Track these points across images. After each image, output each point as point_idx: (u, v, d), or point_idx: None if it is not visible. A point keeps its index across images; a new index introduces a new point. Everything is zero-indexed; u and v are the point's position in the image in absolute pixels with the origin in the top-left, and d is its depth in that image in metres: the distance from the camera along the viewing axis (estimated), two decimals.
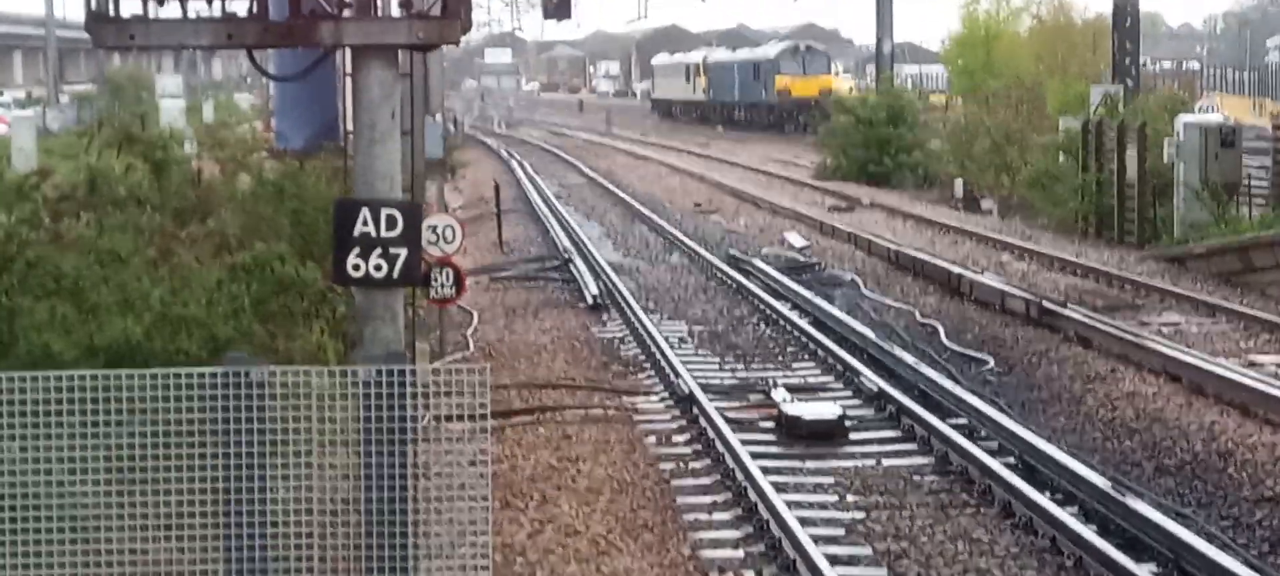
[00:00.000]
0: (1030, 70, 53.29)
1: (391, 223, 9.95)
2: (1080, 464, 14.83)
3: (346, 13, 10.61)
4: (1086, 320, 22.90)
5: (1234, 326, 23.42)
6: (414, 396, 9.40)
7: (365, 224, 9.90)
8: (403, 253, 9.95)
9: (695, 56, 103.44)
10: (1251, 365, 20.20)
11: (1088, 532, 12.90)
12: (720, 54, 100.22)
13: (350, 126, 11.19)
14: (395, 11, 11.13)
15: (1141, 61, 49.64)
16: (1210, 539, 12.96)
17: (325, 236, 14.17)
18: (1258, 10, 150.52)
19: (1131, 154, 33.16)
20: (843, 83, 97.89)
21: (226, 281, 14.19)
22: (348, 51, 11.03)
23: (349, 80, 11.09)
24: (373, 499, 9.29)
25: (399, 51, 10.92)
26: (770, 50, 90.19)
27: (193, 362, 11.29)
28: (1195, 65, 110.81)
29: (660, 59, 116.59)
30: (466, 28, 10.77)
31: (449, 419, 9.57)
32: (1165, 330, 22.91)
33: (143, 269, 14.44)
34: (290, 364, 10.15)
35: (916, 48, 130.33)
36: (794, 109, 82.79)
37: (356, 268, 9.96)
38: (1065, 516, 13.29)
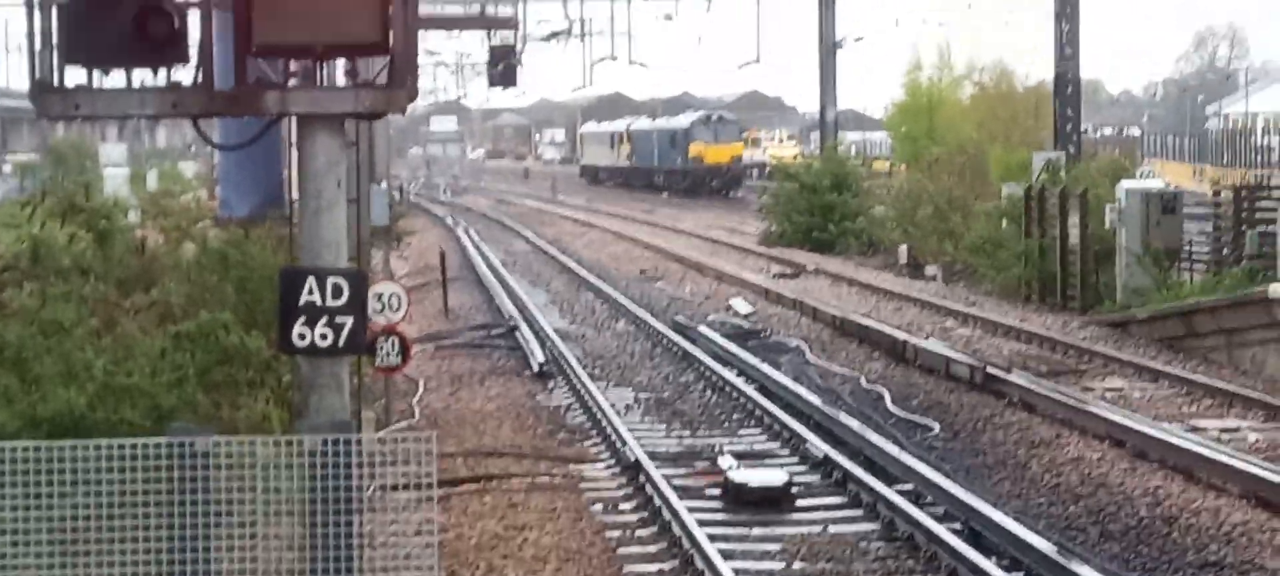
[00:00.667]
0: (972, 137, 53.61)
1: (337, 291, 9.92)
2: (1026, 529, 14.87)
3: (292, 82, 10.61)
4: (1031, 385, 23.00)
5: (1177, 391, 23.57)
6: (359, 465, 9.37)
7: (311, 292, 9.87)
8: (348, 321, 9.92)
9: (620, 126, 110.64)
10: (1194, 430, 20.32)
11: None
12: (642, 123, 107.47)
13: (295, 194, 11.18)
14: (341, 80, 11.13)
15: (1083, 128, 49.96)
16: None
17: (270, 305, 14.14)
18: (1197, 77, 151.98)
19: (1074, 220, 33.39)
20: (787, 149, 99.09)
21: (170, 350, 14.14)
22: (293, 120, 11.02)
23: (294, 149, 11.08)
24: (319, 569, 9.24)
25: (345, 120, 10.91)
26: (685, 120, 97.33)
27: (137, 433, 11.22)
28: (1136, 132, 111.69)
29: (588, 127, 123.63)
30: (412, 96, 10.78)
31: (395, 488, 9.54)
32: (1109, 395, 23.04)
33: (86, 339, 14.37)
34: (235, 433, 10.10)
35: (860, 115, 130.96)
36: (707, 174, 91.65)
37: (302, 336, 9.92)
38: None
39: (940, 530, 14.89)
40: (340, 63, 11.30)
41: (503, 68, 68.73)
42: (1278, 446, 19.37)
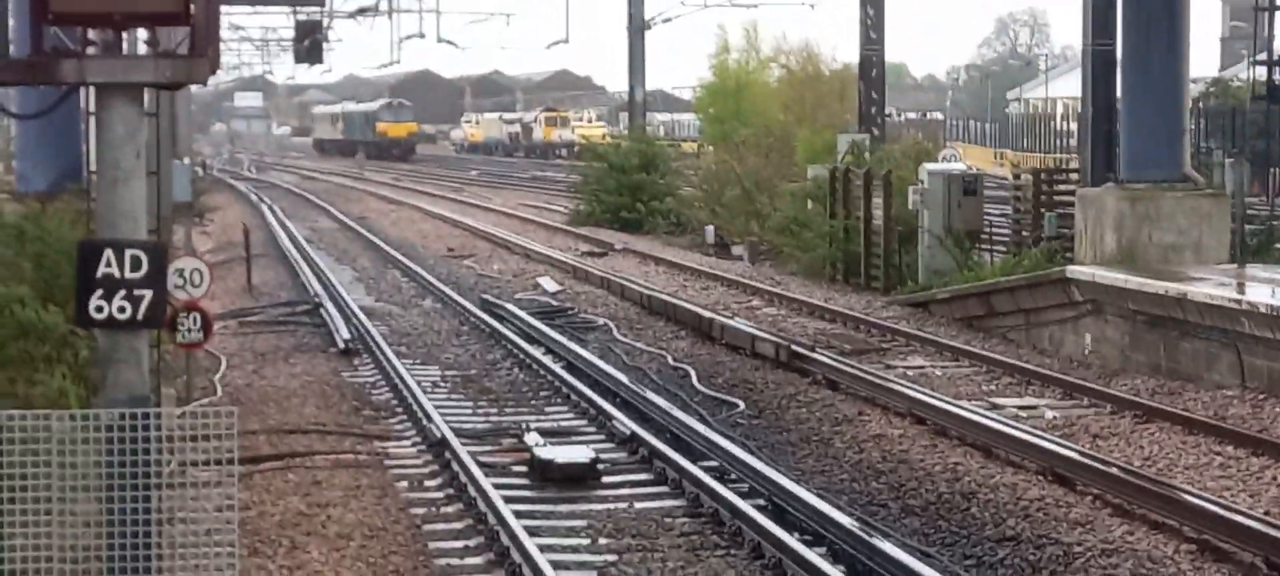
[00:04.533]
0: (779, 118, 54.04)
1: (136, 264, 9.73)
2: (829, 505, 15.04)
3: (91, 50, 10.40)
4: (834, 364, 23.26)
5: (976, 369, 23.98)
6: (159, 441, 9.23)
7: (108, 265, 9.67)
8: (147, 294, 9.73)
9: (336, 108, 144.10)
10: (993, 407, 20.70)
11: (836, 573, 13.08)
12: (350, 106, 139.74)
13: (94, 167, 10.96)
14: (141, 49, 10.93)
15: (887, 111, 50.60)
16: None
17: (69, 279, 13.85)
18: (999, 63, 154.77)
19: (877, 201, 33.81)
20: (595, 129, 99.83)
21: None
22: (92, 89, 10.82)
23: (93, 119, 10.86)
24: (116, 547, 9.09)
25: (145, 90, 10.72)
26: (375, 105, 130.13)
27: None
28: (939, 115, 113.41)
29: (319, 109, 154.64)
30: (214, 67, 10.61)
31: (195, 464, 9.41)
32: (910, 373, 23.37)
33: None
34: (31, 409, 9.88)
35: (669, 95, 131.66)
36: (389, 144, 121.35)
37: (99, 310, 9.72)
38: (814, 557, 13.46)
39: (745, 506, 15.01)
40: (142, 33, 11.11)
41: (309, 44, 67.98)
42: (1073, 423, 19.79)
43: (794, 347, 24.29)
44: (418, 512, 15.79)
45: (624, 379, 22.21)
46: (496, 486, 16.02)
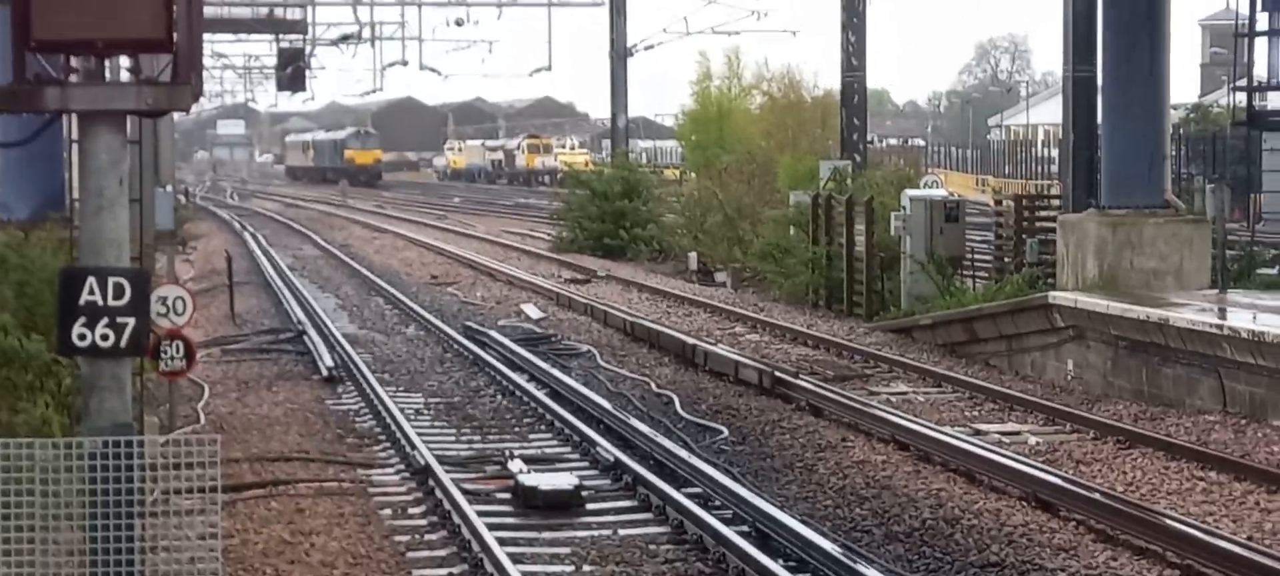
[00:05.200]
0: (761, 145, 54.13)
1: (119, 291, 9.72)
2: (812, 531, 15.03)
3: (73, 77, 10.40)
4: (818, 390, 23.28)
5: (959, 395, 24.00)
6: (142, 470, 9.21)
7: (91, 292, 9.66)
8: (131, 321, 9.72)
9: (307, 137, 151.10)
10: (976, 433, 20.71)
11: None
12: (320, 135, 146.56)
13: (76, 194, 10.96)
14: (124, 77, 10.93)
15: (869, 137, 50.69)
16: None
17: (51, 308, 13.84)
18: (980, 90, 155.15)
19: (860, 227, 33.86)
20: (577, 156, 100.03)
21: None
22: (74, 117, 10.82)
23: (75, 147, 10.87)
24: (99, 575, 9.04)
25: (128, 117, 10.72)
26: (342, 134, 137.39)
27: None
28: (920, 142, 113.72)
29: (291, 138, 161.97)
30: (197, 95, 10.61)
31: (179, 492, 9.39)
32: (893, 399, 23.39)
33: None
34: (13, 437, 9.86)
35: (652, 122, 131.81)
36: (357, 171, 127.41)
37: (82, 337, 9.70)
38: None
39: (728, 532, 15.00)
40: (124, 61, 11.12)
41: (291, 72, 67.97)
42: (1056, 449, 19.82)
43: (777, 374, 24.31)
44: (402, 540, 15.76)
45: (607, 405, 22.21)
46: (480, 514, 16.00)
